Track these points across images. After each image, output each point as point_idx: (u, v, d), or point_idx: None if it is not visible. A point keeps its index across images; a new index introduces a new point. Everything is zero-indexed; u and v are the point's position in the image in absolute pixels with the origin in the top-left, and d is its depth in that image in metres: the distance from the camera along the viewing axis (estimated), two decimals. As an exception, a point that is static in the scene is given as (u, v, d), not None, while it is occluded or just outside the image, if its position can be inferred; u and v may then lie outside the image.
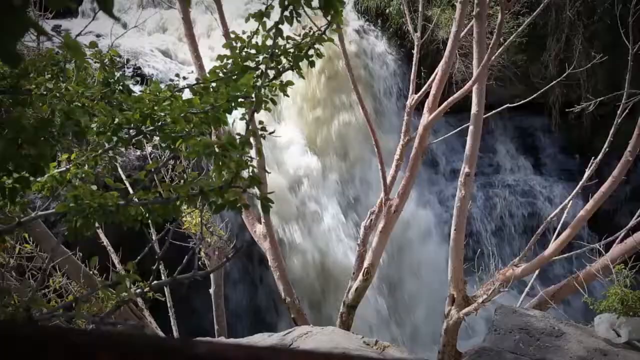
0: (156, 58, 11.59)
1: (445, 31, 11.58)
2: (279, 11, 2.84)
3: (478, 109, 6.99)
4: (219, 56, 3.17)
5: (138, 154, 9.59)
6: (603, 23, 12.59)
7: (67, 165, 2.79)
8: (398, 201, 7.97)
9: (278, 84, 3.08)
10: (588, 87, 12.75)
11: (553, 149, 14.53)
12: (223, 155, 2.48)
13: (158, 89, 2.93)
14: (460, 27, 7.09)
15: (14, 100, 2.66)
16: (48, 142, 2.29)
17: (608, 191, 7.14)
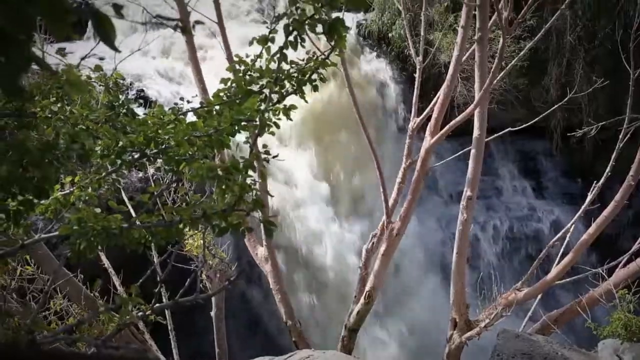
0: (159, 81, 11.65)
1: (446, 55, 11.64)
2: (281, 33, 2.87)
3: (480, 132, 7.00)
4: (222, 79, 3.18)
5: (140, 175, 9.60)
6: (604, 48, 12.65)
7: (71, 188, 2.79)
8: (400, 224, 7.96)
9: (281, 107, 3.10)
10: (589, 112, 12.79)
11: (555, 173, 14.53)
12: (227, 179, 2.48)
13: (162, 112, 2.94)
14: (462, 51, 7.13)
15: (19, 123, 2.67)
16: (53, 164, 2.29)
17: (610, 215, 7.12)
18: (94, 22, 1.09)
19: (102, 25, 1.09)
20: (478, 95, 6.75)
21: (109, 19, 1.11)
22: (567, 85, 11.56)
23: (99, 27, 1.09)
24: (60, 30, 1.00)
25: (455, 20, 11.75)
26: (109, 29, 1.10)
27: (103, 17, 1.09)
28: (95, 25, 1.09)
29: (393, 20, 12.97)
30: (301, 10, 2.53)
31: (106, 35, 1.10)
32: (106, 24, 1.10)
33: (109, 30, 1.10)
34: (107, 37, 1.10)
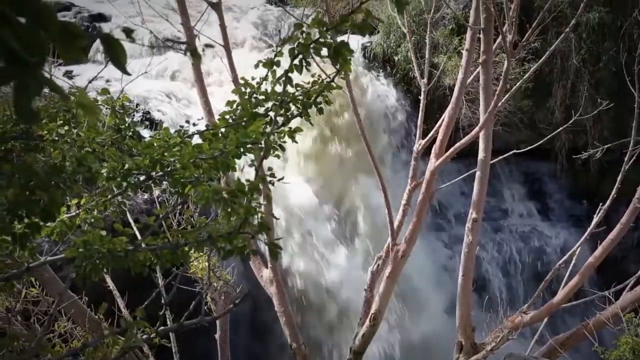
0: (165, 103, 11.71)
1: (451, 77, 11.69)
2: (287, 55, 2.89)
3: (485, 154, 7.01)
4: (228, 102, 3.20)
5: (145, 197, 9.62)
6: (608, 70, 12.70)
7: (77, 210, 2.80)
8: (405, 246, 7.94)
9: (287, 130, 3.11)
10: (594, 134, 12.80)
11: (560, 195, 14.50)
12: (232, 202, 2.49)
13: (168, 135, 2.96)
14: (466, 74, 7.16)
15: (26, 145, 2.69)
16: (60, 188, 2.30)
17: (616, 238, 7.10)
18: (106, 46, 1.10)
19: (114, 49, 1.11)
20: (483, 117, 6.76)
21: (120, 43, 1.13)
22: (572, 107, 11.59)
23: (111, 50, 1.11)
24: (71, 55, 1.02)
25: (460, 43, 11.81)
26: (120, 53, 1.12)
27: (114, 41, 1.11)
28: (106, 49, 1.11)
29: (398, 42, 13.04)
30: (306, 34, 2.55)
31: (117, 59, 1.12)
32: (117, 47, 1.12)
33: (120, 53, 1.12)
34: (118, 61, 1.12)
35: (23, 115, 0.97)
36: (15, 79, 0.96)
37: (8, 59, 0.94)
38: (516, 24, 6.44)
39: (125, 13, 10.45)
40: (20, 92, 0.96)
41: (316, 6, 14.39)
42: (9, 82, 0.96)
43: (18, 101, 0.97)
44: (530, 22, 7.50)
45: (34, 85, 0.97)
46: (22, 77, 0.96)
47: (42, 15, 0.95)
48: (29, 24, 0.94)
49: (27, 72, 0.95)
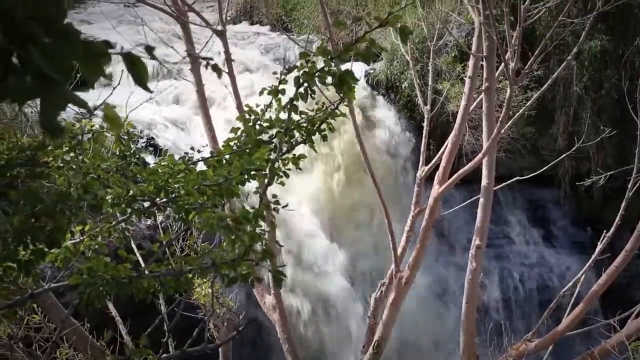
0: (169, 129, 11.75)
1: (454, 104, 11.72)
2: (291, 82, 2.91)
3: (488, 181, 7.02)
4: (232, 129, 3.22)
5: (149, 223, 9.61)
6: (610, 98, 12.73)
7: (81, 237, 2.80)
8: (409, 273, 7.92)
9: (291, 157, 3.12)
10: (597, 161, 12.79)
11: (564, 222, 14.45)
12: (237, 229, 2.49)
13: (173, 162, 2.97)
14: (469, 100, 7.20)
15: (31, 172, 2.70)
16: (65, 214, 2.31)
17: (621, 265, 7.07)
18: (128, 64, 1.13)
19: (135, 67, 1.14)
20: (486, 144, 6.78)
21: (142, 61, 1.15)
22: (575, 134, 11.60)
23: (133, 69, 1.13)
24: (94, 73, 1.04)
25: (462, 70, 11.87)
26: (142, 71, 1.15)
27: (136, 59, 1.14)
28: (129, 67, 1.13)
29: (401, 69, 13.11)
30: (311, 63, 2.58)
31: (139, 77, 1.14)
32: (139, 65, 1.14)
33: (142, 72, 1.14)
34: (140, 79, 1.15)
35: (50, 129, 1.00)
36: (42, 95, 0.99)
37: (35, 75, 0.97)
38: (518, 52, 6.48)
39: (131, 40, 10.54)
40: (47, 107, 0.99)
41: (320, 33, 14.51)
42: (36, 98, 0.99)
43: (45, 116, 1.00)
44: (533, 50, 7.56)
45: (60, 100, 1.00)
46: (48, 93, 0.99)
47: (67, 35, 0.98)
48: (54, 42, 0.97)
49: (54, 88, 0.98)
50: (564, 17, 7.39)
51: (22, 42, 0.97)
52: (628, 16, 12.59)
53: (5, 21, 0.94)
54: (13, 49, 0.96)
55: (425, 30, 9.90)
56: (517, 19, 6.18)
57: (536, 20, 8.29)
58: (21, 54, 0.96)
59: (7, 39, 0.95)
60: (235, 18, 17.16)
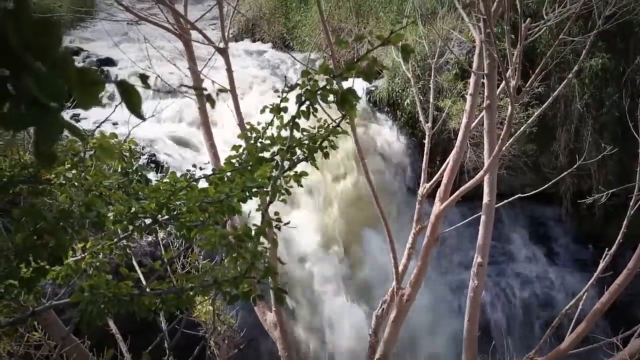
0: (171, 146, 11.79)
1: (456, 121, 11.75)
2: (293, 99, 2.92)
3: (490, 198, 7.01)
4: (234, 146, 3.23)
5: (149, 239, 9.60)
6: (612, 115, 12.76)
7: (82, 254, 2.80)
8: (410, 290, 7.89)
9: (292, 174, 3.13)
10: (599, 178, 12.79)
11: (566, 239, 14.43)
12: (239, 246, 2.49)
13: (175, 179, 2.98)
14: (470, 118, 7.22)
15: (34, 189, 2.71)
16: (68, 232, 2.31)
17: (623, 283, 7.04)
18: (122, 92, 1.14)
19: (129, 95, 1.15)
20: (487, 161, 6.78)
21: (136, 89, 1.16)
22: (576, 151, 11.62)
23: (126, 96, 1.14)
24: (89, 101, 1.05)
25: (464, 87, 11.91)
26: (136, 99, 1.16)
27: (130, 87, 1.15)
28: (122, 95, 1.14)
29: (403, 87, 13.16)
30: (313, 81, 2.59)
31: (133, 105, 1.15)
32: (133, 93, 1.15)
33: (136, 100, 1.15)
34: (134, 107, 1.16)
35: (43, 158, 1.01)
36: (37, 124, 0.99)
37: (30, 104, 0.97)
38: (519, 70, 6.50)
39: (134, 57, 10.59)
40: (41, 136, 1.00)
41: (321, 50, 14.58)
42: (30, 126, 1.00)
43: (39, 145, 1.01)
44: (534, 68, 7.58)
45: (55, 129, 1.01)
46: (43, 121, 0.99)
47: (62, 63, 0.99)
48: (48, 70, 0.98)
49: (48, 116, 0.99)
50: (564, 36, 7.42)
51: (17, 71, 0.98)
52: (628, 35, 12.65)
53: (2, 50, 0.95)
54: (8, 77, 0.97)
55: (427, 47, 9.94)
56: (518, 37, 6.20)
57: (537, 38, 8.33)
58: (16, 82, 0.97)
59: (3, 67, 0.96)
60: (237, 36, 17.27)
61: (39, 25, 0.96)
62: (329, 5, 14.84)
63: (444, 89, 12.61)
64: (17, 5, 0.95)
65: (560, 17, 7.36)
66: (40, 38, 0.96)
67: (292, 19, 16.61)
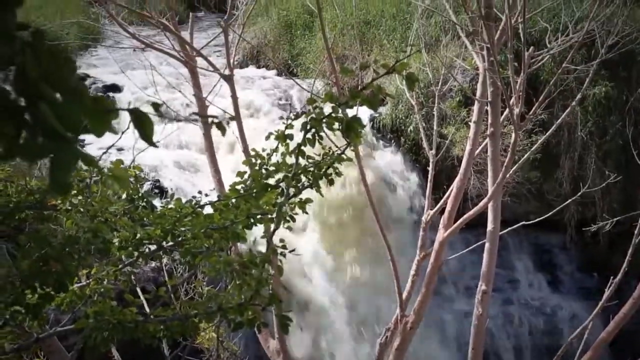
0: (175, 172, 11.82)
1: (459, 148, 11.77)
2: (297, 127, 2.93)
3: (494, 225, 7.00)
4: (239, 172, 3.25)
5: (153, 265, 9.59)
6: (615, 143, 12.76)
7: (87, 280, 2.81)
8: (414, 317, 7.85)
9: (297, 201, 3.14)
10: (603, 206, 12.76)
11: (570, 267, 14.35)
12: (243, 273, 2.49)
13: (180, 205, 2.99)
14: (474, 145, 7.23)
15: (39, 215, 2.72)
16: (74, 258, 2.32)
17: (629, 312, 6.99)
18: (134, 120, 1.15)
19: (142, 123, 1.16)
20: (491, 188, 6.79)
21: (149, 117, 1.18)
22: (580, 178, 11.61)
23: (139, 124, 1.16)
24: (102, 129, 1.07)
25: (467, 114, 11.95)
26: (148, 127, 1.17)
27: (143, 115, 1.17)
28: (135, 122, 1.16)
29: (406, 113, 13.20)
30: (319, 109, 2.61)
31: (146, 132, 1.17)
32: (146, 122, 1.17)
33: (149, 128, 1.17)
34: (146, 135, 1.17)
35: (58, 188, 1.02)
36: (53, 154, 1.01)
37: (47, 134, 0.99)
38: (523, 98, 6.53)
39: (138, 83, 10.67)
40: (57, 166, 1.01)
41: (325, 77, 14.66)
42: (47, 157, 1.01)
43: (55, 175, 1.01)
44: (537, 95, 7.62)
45: (71, 158, 1.02)
46: (59, 151, 1.01)
47: (77, 93, 1.01)
48: (64, 100, 0.99)
49: (64, 146, 1.00)
50: (567, 64, 7.46)
51: (34, 101, 1.00)
52: (631, 63, 12.71)
53: (21, 81, 0.96)
54: (26, 107, 0.98)
55: (430, 75, 10.00)
56: (521, 65, 6.25)
57: (540, 66, 8.38)
58: (33, 112, 0.98)
59: (21, 97, 0.98)
60: (242, 62, 17.39)
61: (55, 55, 0.98)
62: (333, 33, 14.95)
63: (448, 116, 12.64)
64: (34, 37, 0.97)
65: (563, 45, 7.41)
66: (56, 68, 0.98)
67: (296, 46, 16.72)
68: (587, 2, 8.76)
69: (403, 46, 13.44)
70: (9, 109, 0.98)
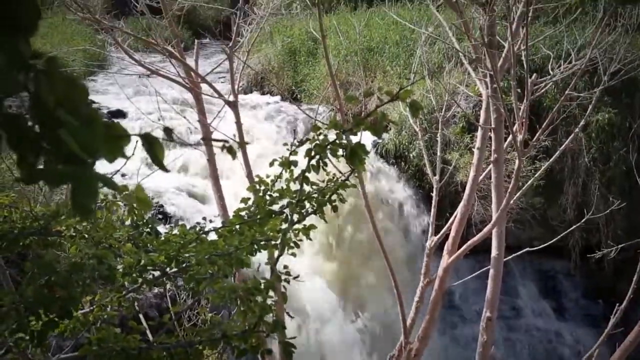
0: (179, 197, 11.83)
1: (463, 174, 11.79)
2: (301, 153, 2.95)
3: (498, 252, 6.99)
4: (242, 199, 3.25)
5: (155, 291, 9.55)
6: (619, 169, 12.77)
7: (91, 307, 2.80)
8: (418, 345, 7.80)
9: (301, 227, 3.14)
10: (607, 232, 12.73)
11: (575, 293, 14.27)
12: (248, 300, 2.49)
13: (185, 232, 2.99)
14: (478, 171, 7.24)
15: (44, 241, 2.72)
16: (79, 285, 2.32)
17: (635, 340, 6.93)
18: (146, 144, 1.17)
19: (153, 148, 1.18)
20: (495, 215, 6.79)
21: (160, 143, 1.19)
22: (584, 204, 11.59)
23: (151, 149, 1.17)
24: (115, 154, 1.08)
25: (471, 140, 11.98)
26: (159, 152, 1.19)
27: (154, 140, 1.18)
28: (147, 148, 1.17)
29: (410, 139, 13.24)
30: (323, 136, 2.62)
31: (157, 158, 1.18)
32: (157, 147, 1.18)
33: (159, 152, 1.18)
34: (158, 160, 1.18)
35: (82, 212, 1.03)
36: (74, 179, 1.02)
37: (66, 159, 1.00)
38: (526, 124, 6.56)
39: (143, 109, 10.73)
40: (79, 191, 1.02)
41: (329, 104, 14.74)
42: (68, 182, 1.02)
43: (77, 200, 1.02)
44: (540, 122, 7.64)
45: (92, 183, 1.03)
46: (80, 176, 1.02)
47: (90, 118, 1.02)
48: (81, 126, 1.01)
49: (85, 170, 1.01)
50: (570, 91, 7.50)
51: (52, 127, 1.01)
52: (634, 90, 12.76)
53: (37, 108, 0.98)
54: (44, 134, 1.00)
55: (434, 101, 10.05)
56: (524, 92, 6.27)
57: (543, 93, 8.41)
58: (52, 138, 1.00)
59: (38, 124, 0.99)
60: (246, 88, 17.51)
61: (69, 82, 0.99)
62: (337, 59, 15.07)
63: (451, 142, 12.68)
64: (49, 65, 0.98)
65: (566, 73, 7.45)
66: (70, 95, 1.00)
67: (300, 72, 16.85)
68: (589, 30, 8.83)
69: (406, 72, 13.53)
70: (27, 136, 1.00)
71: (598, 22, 7.99)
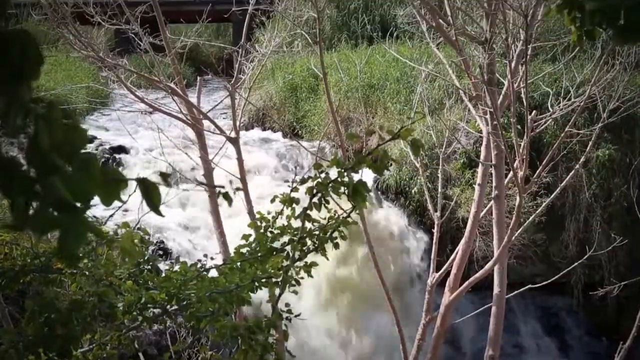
0: (180, 233, 11.80)
1: (464, 209, 11.76)
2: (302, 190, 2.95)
3: (500, 289, 6.95)
4: (244, 235, 3.25)
5: (155, 328, 9.48)
6: (620, 205, 12.76)
7: (90, 345, 2.78)
8: (421, 383, 7.71)
9: (302, 265, 3.13)
10: (610, 269, 12.66)
11: (578, 331, 14.12)
12: (249, 338, 2.47)
13: (186, 269, 2.98)
14: (479, 208, 7.24)
15: (45, 279, 2.72)
16: (80, 324, 2.31)
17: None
18: (143, 190, 1.17)
19: (149, 193, 1.18)
20: (497, 251, 6.77)
21: (157, 187, 1.20)
22: (586, 241, 11.56)
23: (147, 194, 1.17)
24: (112, 199, 1.08)
25: (472, 176, 11.99)
26: (156, 196, 1.19)
27: (151, 185, 1.18)
28: (143, 192, 1.17)
29: (410, 175, 13.25)
30: (325, 174, 2.63)
31: (153, 202, 1.18)
32: (154, 191, 1.19)
33: (156, 198, 1.19)
34: (154, 205, 1.19)
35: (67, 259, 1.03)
36: (62, 226, 1.01)
37: (57, 205, 1.00)
38: (527, 160, 6.58)
39: (146, 145, 10.79)
40: (67, 238, 1.02)
41: (330, 140, 14.79)
42: (57, 229, 1.02)
43: (64, 246, 1.02)
44: (541, 158, 7.67)
45: (81, 231, 1.03)
46: (69, 223, 1.02)
47: (86, 164, 1.02)
48: (74, 171, 1.01)
49: (74, 218, 1.01)
50: (570, 128, 7.54)
51: (45, 172, 1.01)
52: (633, 127, 12.81)
53: (33, 152, 0.98)
54: (37, 178, 1.00)
55: (434, 137, 10.09)
56: (525, 129, 6.31)
57: (543, 129, 8.46)
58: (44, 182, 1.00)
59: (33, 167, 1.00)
60: (247, 124, 17.60)
61: (68, 127, 1.00)
62: (338, 96, 15.16)
63: (452, 178, 12.69)
64: (49, 110, 0.99)
65: (566, 109, 7.50)
66: (67, 140, 1.00)
67: (301, 108, 16.94)
68: (588, 68, 8.90)
69: (407, 109, 13.60)
70: (21, 180, 1.00)
71: (596, 60, 8.07)
